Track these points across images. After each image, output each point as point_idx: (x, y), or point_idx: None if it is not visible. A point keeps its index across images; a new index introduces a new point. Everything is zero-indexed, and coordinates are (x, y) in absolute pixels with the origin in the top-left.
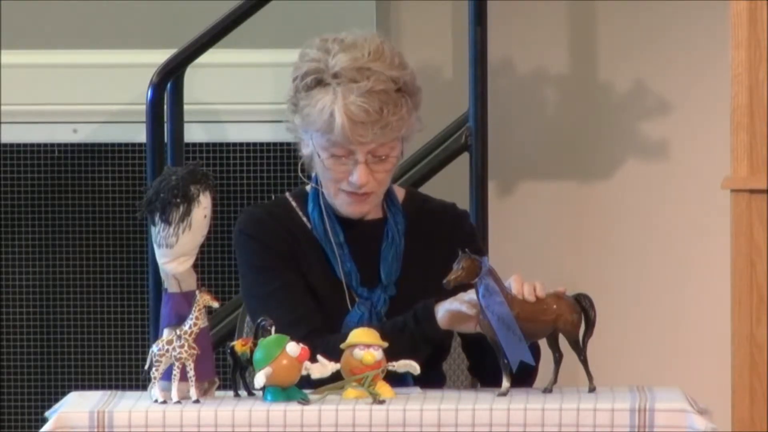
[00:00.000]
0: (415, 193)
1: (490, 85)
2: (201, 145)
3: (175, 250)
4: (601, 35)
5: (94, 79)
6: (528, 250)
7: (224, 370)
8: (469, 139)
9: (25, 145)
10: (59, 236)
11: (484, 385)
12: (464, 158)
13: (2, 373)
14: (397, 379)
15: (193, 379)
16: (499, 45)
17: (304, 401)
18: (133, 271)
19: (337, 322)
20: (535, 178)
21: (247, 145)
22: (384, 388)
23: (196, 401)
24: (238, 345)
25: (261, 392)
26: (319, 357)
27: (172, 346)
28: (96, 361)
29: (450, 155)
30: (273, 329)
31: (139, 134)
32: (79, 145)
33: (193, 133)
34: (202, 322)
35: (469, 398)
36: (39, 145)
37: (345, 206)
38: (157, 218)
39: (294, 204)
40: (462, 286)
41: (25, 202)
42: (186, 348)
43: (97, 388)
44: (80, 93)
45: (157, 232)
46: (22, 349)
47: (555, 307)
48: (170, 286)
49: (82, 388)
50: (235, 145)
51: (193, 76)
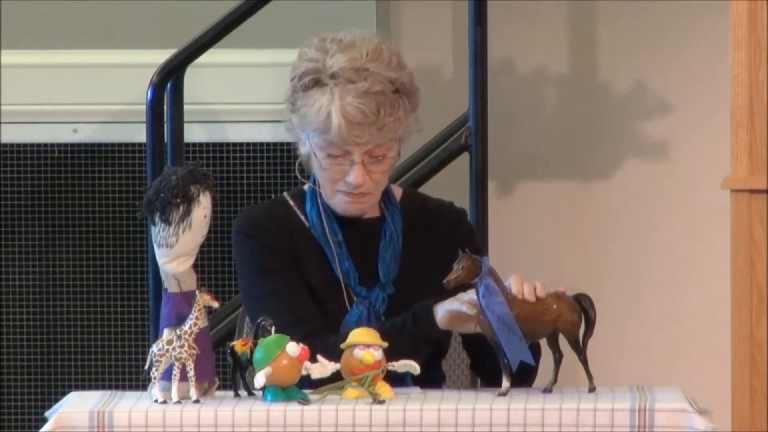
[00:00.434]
0: (412, 192)
1: (490, 85)
2: (201, 145)
3: (175, 250)
4: (601, 35)
5: (94, 79)
6: (528, 250)
7: (224, 370)
8: (469, 139)
9: (25, 145)
10: (59, 236)
11: (486, 382)
12: (464, 158)
13: (2, 373)
14: (397, 379)
15: (193, 379)
16: (499, 45)
17: (304, 401)
18: (133, 271)
19: (336, 321)
20: (535, 178)
21: (247, 145)
22: (384, 388)
23: (196, 401)
24: (238, 345)
25: (261, 392)
26: (319, 357)
27: (172, 346)
28: (96, 361)
29: (450, 155)
30: (273, 329)
31: (139, 134)
32: (79, 145)
33: (193, 133)
34: (202, 322)
35: (469, 398)
36: (39, 145)
37: (342, 205)
38: (157, 218)
39: (292, 203)
40: (462, 286)
41: (25, 202)
42: (186, 348)
43: (97, 388)
44: (80, 93)
45: (157, 232)
46: (22, 349)
47: (555, 307)
48: (170, 286)
49: (82, 388)
50: (235, 145)
51: (193, 76)
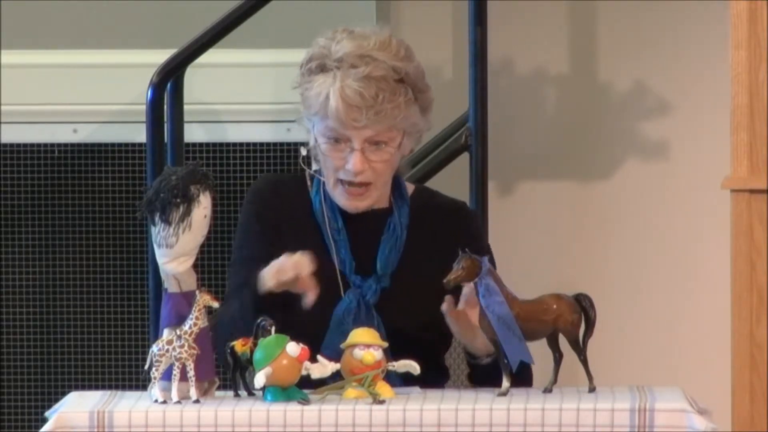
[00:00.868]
0: (423, 189)
1: (490, 85)
2: (201, 145)
3: (175, 250)
4: (601, 35)
5: (94, 79)
6: (528, 250)
7: (224, 370)
8: (469, 139)
9: (25, 145)
10: (59, 236)
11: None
12: (464, 158)
13: (2, 373)
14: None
15: (193, 379)
16: (499, 45)
17: (304, 401)
18: (133, 271)
19: (329, 307)
20: (535, 178)
21: (247, 145)
22: (384, 388)
23: (196, 401)
24: (238, 345)
25: (261, 392)
26: (319, 357)
27: (172, 346)
28: (96, 361)
29: (450, 155)
30: (273, 329)
31: (139, 134)
32: (79, 145)
33: (193, 133)
34: (202, 322)
35: (469, 398)
36: (39, 145)
37: (342, 200)
38: (157, 218)
39: (309, 183)
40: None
41: (25, 202)
42: (186, 348)
43: (97, 388)
44: (80, 93)
45: (157, 232)
46: (22, 349)
47: (555, 307)
48: (170, 286)
49: (82, 388)
50: (235, 145)
51: (193, 76)
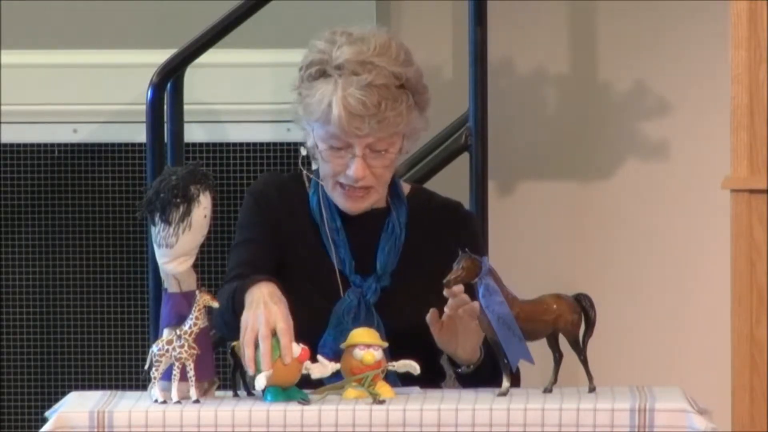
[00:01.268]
0: (420, 189)
1: (490, 85)
2: (201, 145)
3: (175, 250)
4: (601, 35)
5: (94, 79)
6: (528, 250)
7: (224, 370)
8: (469, 139)
9: (25, 145)
10: (59, 236)
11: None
12: (464, 158)
13: (2, 373)
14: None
15: (193, 379)
16: (499, 45)
17: (304, 401)
18: (133, 271)
19: (329, 306)
20: (535, 178)
21: (247, 145)
22: (384, 388)
23: (196, 401)
24: (238, 345)
25: (261, 392)
26: (319, 357)
27: (172, 346)
28: (96, 361)
29: (450, 155)
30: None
31: (139, 134)
32: (79, 145)
33: (193, 133)
34: (202, 322)
35: (469, 398)
36: (39, 145)
37: (341, 202)
38: (157, 218)
39: (307, 183)
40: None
41: (25, 202)
42: (186, 348)
43: (97, 388)
44: (80, 93)
45: (157, 232)
46: (22, 349)
47: (555, 307)
48: (170, 286)
49: (82, 388)
50: (235, 145)
51: (193, 76)
